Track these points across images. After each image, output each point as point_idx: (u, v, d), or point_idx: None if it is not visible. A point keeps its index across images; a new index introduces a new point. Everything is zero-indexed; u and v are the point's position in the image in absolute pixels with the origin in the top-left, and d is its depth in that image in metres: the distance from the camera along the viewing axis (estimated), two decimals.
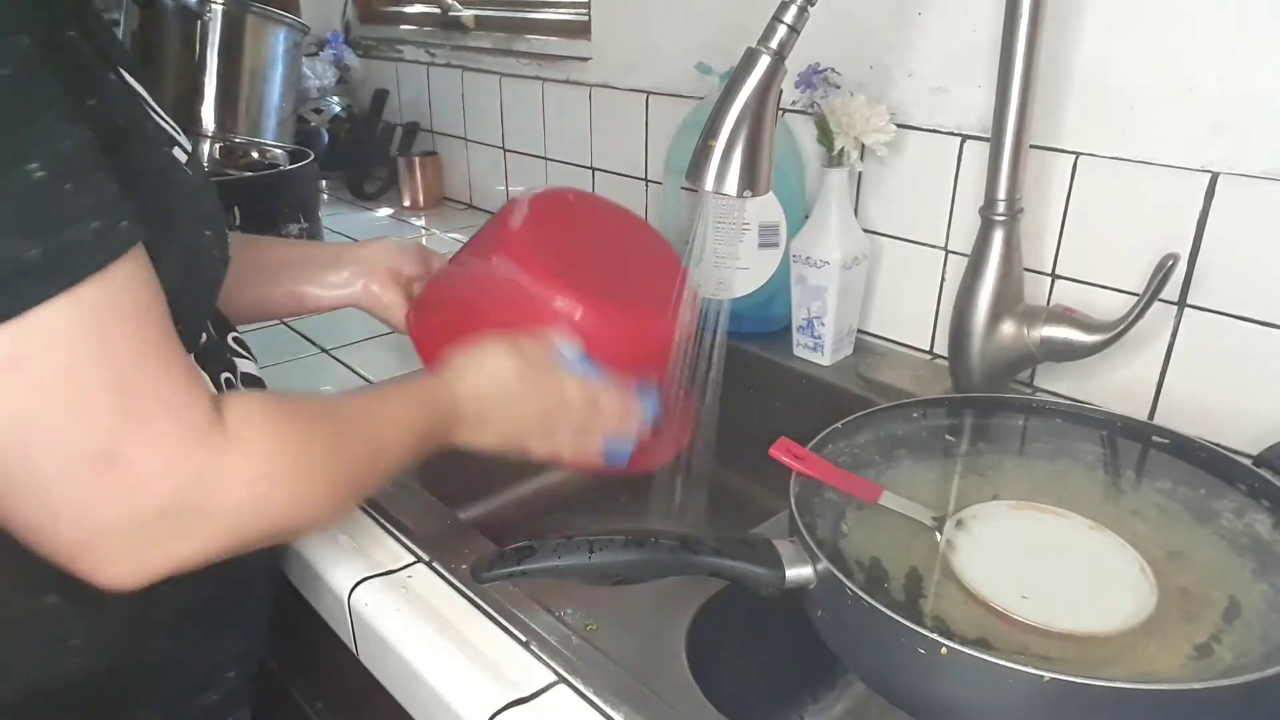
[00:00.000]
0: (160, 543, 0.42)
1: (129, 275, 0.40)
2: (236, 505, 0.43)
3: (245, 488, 0.43)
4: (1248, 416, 0.73)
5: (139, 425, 0.40)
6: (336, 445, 0.49)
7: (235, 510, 0.43)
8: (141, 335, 0.41)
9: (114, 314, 0.39)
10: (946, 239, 0.90)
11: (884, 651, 0.47)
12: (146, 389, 0.40)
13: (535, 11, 1.40)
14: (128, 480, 0.40)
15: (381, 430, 0.54)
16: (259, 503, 0.44)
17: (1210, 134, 0.71)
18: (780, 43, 0.62)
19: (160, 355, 0.41)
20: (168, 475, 0.41)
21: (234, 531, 0.44)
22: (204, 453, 0.42)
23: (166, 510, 0.41)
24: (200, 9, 1.13)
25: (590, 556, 0.51)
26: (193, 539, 0.43)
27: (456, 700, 0.52)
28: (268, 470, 0.44)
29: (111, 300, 0.39)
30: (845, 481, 0.57)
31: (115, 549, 0.41)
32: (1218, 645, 0.46)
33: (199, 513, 0.42)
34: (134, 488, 0.40)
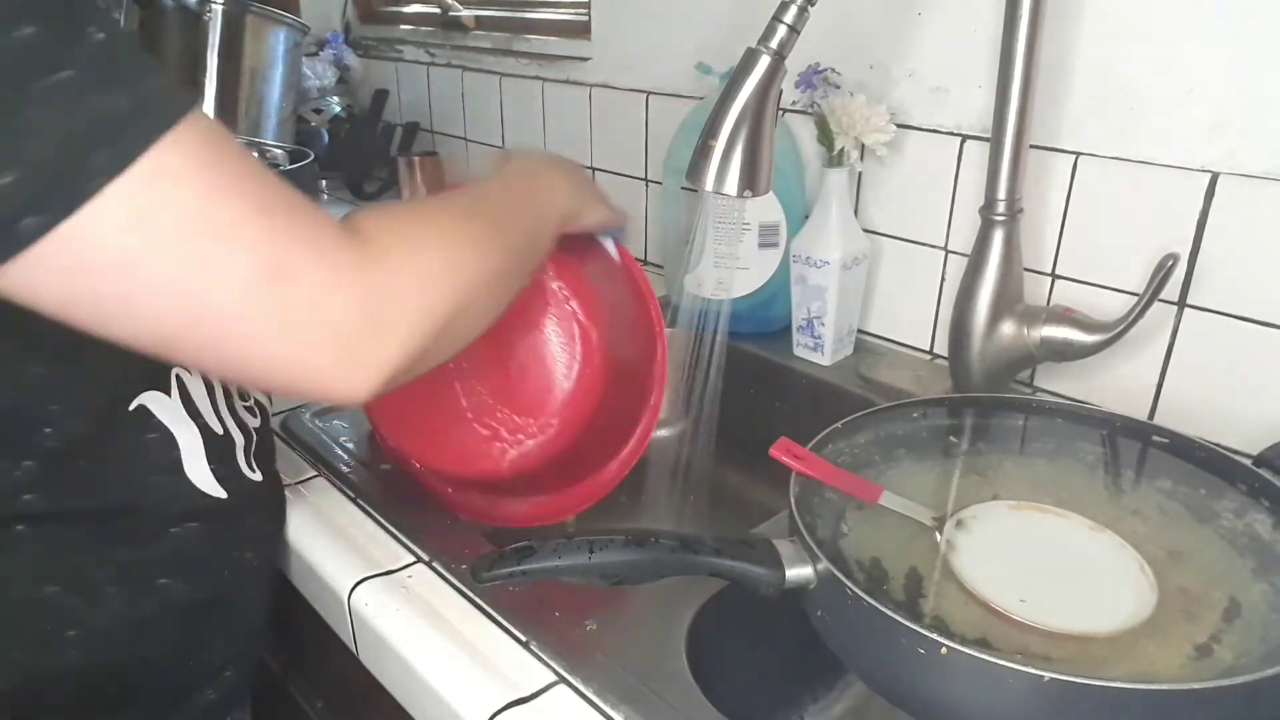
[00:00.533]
0: (364, 353, 0.42)
1: (212, 124, 0.40)
2: (411, 308, 0.43)
3: (411, 290, 0.43)
4: (1248, 416, 0.73)
5: (291, 237, 0.40)
6: (478, 229, 0.51)
7: (412, 313, 0.43)
8: (246, 162, 0.40)
9: (220, 145, 0.39)
10: (946, 239, 0.90)
11: (884, 651, 0.47)
12: (280, 207, 0.40)
13: (535, 11, 1.40)
14: (305, 289, 0.40)
15: (523, 214, 0.56)
16: (427, 301, 0.44)
17: (1210, 134, 0.71)
18: (780, 42, 0.62)
19: (270, 178, 0.41)
20: (339, 285, 0.40)
21: (417, 334, 0.44)
22: (362, 263, 0.42)
23: (353, 321, 0.41)
24: (200, 9, 1.13)
25: (590, 556, 0.51)
26: (393, 344, 0.43)
27: (456, 700, 0.52)
28: (419, 269, 0.44)
29: (208, 136, 0.39)
30: (845, 481, 0.57)
31: (324, 366, 0.41)
32: (1218, 645, 0.46)
33: (385, 318, 0.42)
34: (315, 294, 0.40)
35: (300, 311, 0.40)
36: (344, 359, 0.41)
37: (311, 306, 0.40)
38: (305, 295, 0.39)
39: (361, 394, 0.42)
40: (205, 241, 0.38)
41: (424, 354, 0.45)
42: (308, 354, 0.40)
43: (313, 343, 0.40)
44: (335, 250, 0.41)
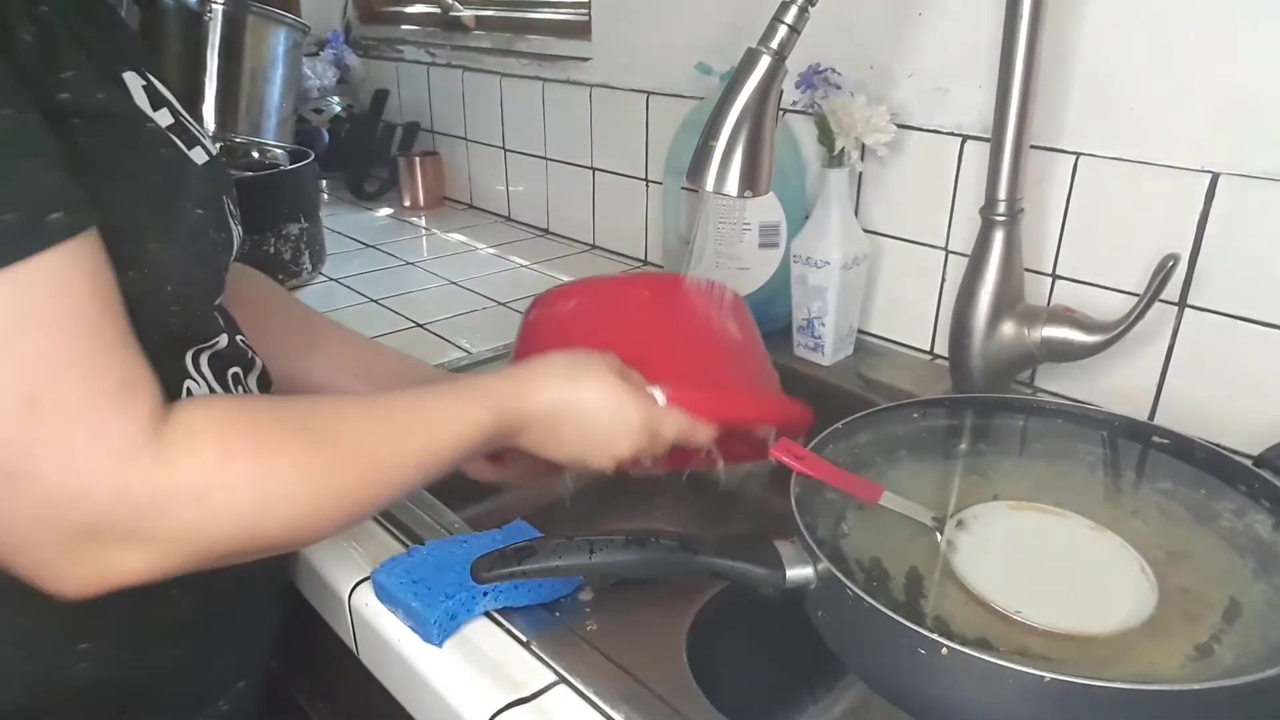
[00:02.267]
0: (100, 558, 0.39)
1: (52, 272, 0.37)
2: (179, 523, 0.40)
3: (186, 506, 0.40)
4: (1248, 416, 0.73)
5: (49, 440, 0.37)
6: (325, 454, 0.45)
7: (179, 528, 0.41)
8: (61, 342, 0.37)
9: (26, 316, 0.36)
10: (947, 239, 0.90)
11: (884, 652, 0.47)
12: (60, 403, 0.37)
13: (535, 11, 1.40)
14: (40, 498, 0.37)
15: (414, 435, 0.50)
16: (206, 520, 0.41)
17: (1210, 134, 0.71)
18: (781, 43, 0.62)
19: (85, 363, 0.38)
20: (85, 494, 0.38)
21: (185, 549, 0.41)
22: (130, 470, 0.39)
23: (93, 528, 0.38)
24: (200, 9, 1.13)
25: (590, 556, 0.51)
26: (138, 555, 0.40)
27: (456, 700, 0.52)
28: (212, 486, 0.41)
29: (24, 300, 0.36)
30: (846, 481, 0.57)
31: (48, 561, 0.39)
32: (1218, 645, 0.46)
33: (135, 531, 0.39)
34: (49, 506, 0.38)
35: (25, 511, 0.38)
36: (63, 566, 0.39)
37: (43, 510, 0.38)
38: (38, 499, 0.37)
39: (76, 594, 0.40)
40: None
41: (188, 568, 0.42)
42: (20, 552, 0.39)
43: (31, 542, 0.38)
44: (99, 457, 0.38)
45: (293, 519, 0.44)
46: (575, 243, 1.37)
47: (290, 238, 1.17)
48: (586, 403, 0.56)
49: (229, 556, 0.44)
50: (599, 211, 1.32)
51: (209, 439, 0.42)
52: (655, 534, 0.52)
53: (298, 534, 0.46)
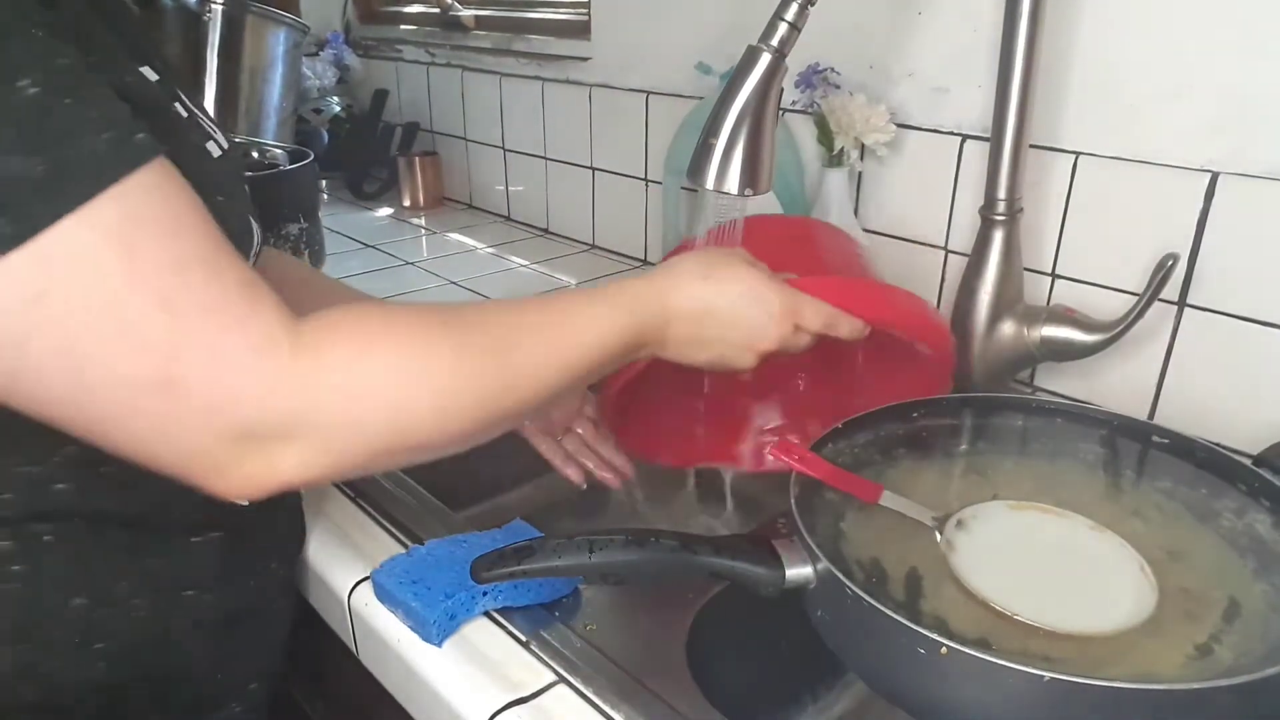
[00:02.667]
0: (265, 455, 0.39)
1: (153, 185, 0.37)
2: (329, 415, 0.40)
3: (333, 396, 0.40)
4: (1248, 416, 0.73)
5: (192, 343, 0.37)
6: (469, 345, 0.45)
7: (331, 420, 0.40)
8: (178, 245, 0.38)
9: (141, 226, 0.37)
10: (946, 239, 0.90)
11: (884, 651, 0.47)
12: (194, 302, 0.37)
13: (535, 11, 1.40)
14: (195, 402, 0.38)
15: (557, 336, 0.49)
16: (355, 410, 0.41)
17: (1210, 134, 0.71)
18: (781, 40, 0.62)
19: (205, 263, 0.38)
20: (236, 391, 0.38)
21: (340, 442, 0.41)
22: (273, 363, 0.39)
23: (250, 426, 0.39)
24: (200, 9, 1.13)
25: (590, 556, 0.51)
26: (299, 450, 0.40)
27: (456, 700, 0.51)
28: (356, 374, 0.41)
29: (136, 212, 0.36)
30: (845, 482, 0.57)
31: (215, 465, 0.39)
32: (1218, 645, 0.46)
33: (291, 424, 0.39)
34: (205, 408, 0.38)
35: (189, 420, 0.38)
36: (231, 465, 0.39)
37: (203, 415, 0.38)
38: (197, 405, 0.38)
39: (246, 497, 0.41)
40: (95, 339, 0.36)
41: (345, 468, 0.42)
42: (190, 459, 0.39)
43: (199, 449, 0.39)
44: (242, 354, 0.38)
45: (441, 408, 0.44)
46: (575, 243, 1.37)
47: (290, 238, 1.17)
48: (729, 297, 0.54)
49: (385, 453, 0.43)
50: (599, 211, 1.32)
51: (345, 331, 0.42)
52: (655, 534, 0.52)
53: (448, 426, 0.44)
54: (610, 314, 0.51)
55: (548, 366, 0.48)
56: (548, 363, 0.48)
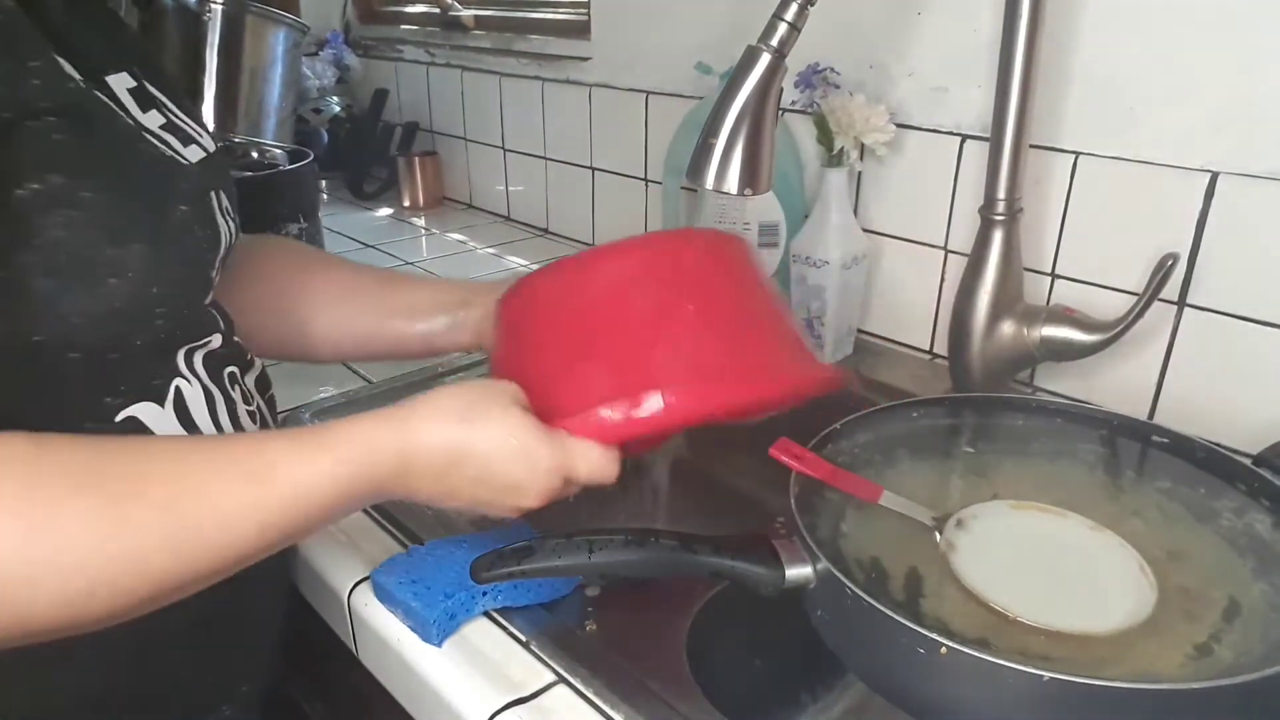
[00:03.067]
0: None
1: None
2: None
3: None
4: (1248, 416, 0.73)
5: None
6: (123, 508, 0.38)
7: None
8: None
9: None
10: (946, 239, 0.90)
11: (884, 651, 0.47)
12: None
13: (535, 11, 1.40)
14: None
15: (246, 488, 0.41)
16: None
17: (1210, 134, 0.71)
18: (781, 40, 0.62)
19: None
20: None
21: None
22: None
23: None
24: (200, 9, 1.13)
25: (590, 556, 0.51)
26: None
27: (456, 700, 0.52)
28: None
29: None
30: (845, 482, 0.57)
31: None
32: (1218, 645, 0.46)
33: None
34: None
35: None
36: None
37: None
38: None
39: None
40: None
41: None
42: None
43: None
44: None
45: (74, 589, 0.36)
46: (575, 243, 1.37)
47: (290, 238, 1.17)
48: (486, 445, 0.48)
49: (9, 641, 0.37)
50: (599, 211, 1.32)
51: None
52: (655, 534, 0.52)
53: (85, 608, 0.37)
54: (327, 465, 0.43)
55: (241, 529, 0.41)
56: (242, 525, 0.41)
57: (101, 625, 0.38)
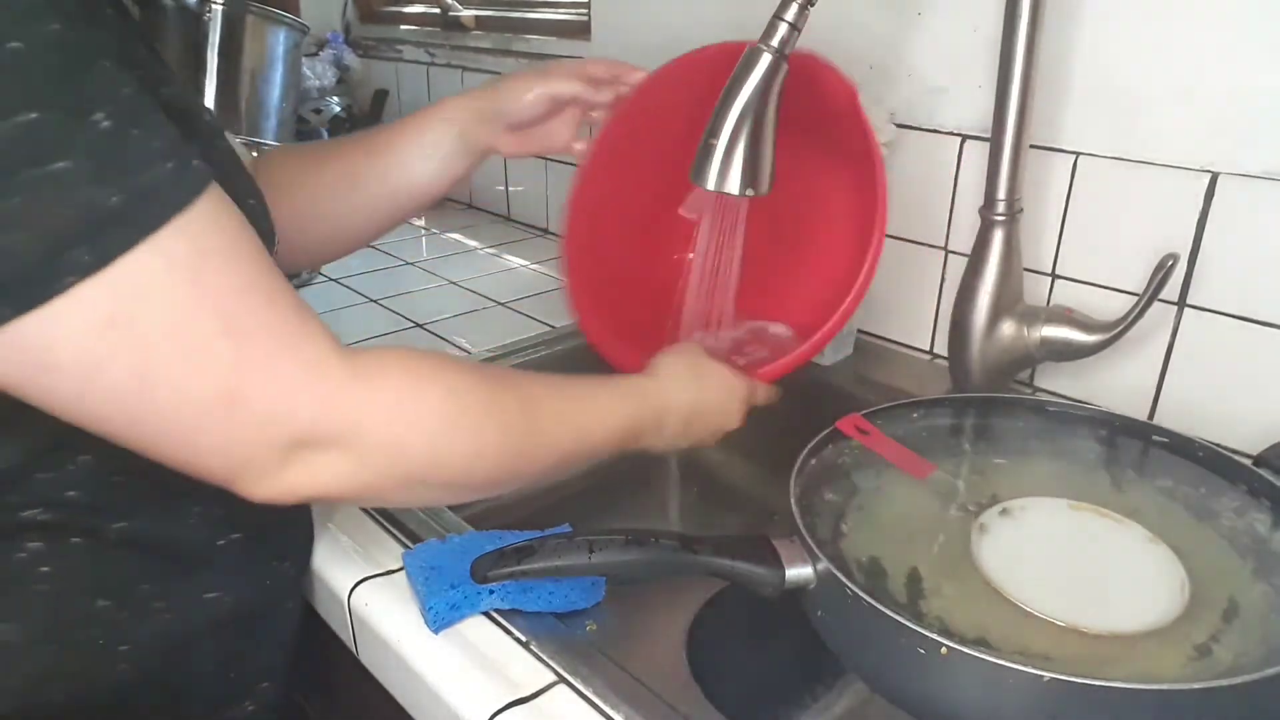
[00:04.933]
0: (312, 463, 0.43)
1: (212, 212, 0.39)
2: (375, 436, 0.44)
3: (378, 424, 0.44)
4: (1248, 416, 0.73)
5: (254, 362, 0.40)
6: (507, 403, 0.49)
7: (376, 440, 0.44)
8: (238, 271, 0.40)
9: (205, 253, 0.39)
10: (946, 239, 0.90)
11: (884, 651, 0.47)
12: (255, 324, 0.40)
13: (535, 11, 1.40)
14: (254, 415, 0.40)
15: (576, 412, 0.54)
16: (398, 436, 0.44)
17: (1210, 134, 0.71)
18: (782, 40, 0.62)
19: (263, 288, 0.41)
20: (292, 405, 0.41)
21: (381, 461, 0.44)
22: (327, 385, 0.42)
23: (304, 437, 0.42)
24: (200, 9, 1.13)
25: (590, 556, 0.51)
26: (343, 462, 0.43)
27: (456, 700, 0.51)
28: (403, 404, 0.44)
29: (200, 239, 0.38)
30: (902, 458, 0.61)
31: (261, 472, 0.42)
32: (1217, 645, 0.46)
33: (340, 438, 0.43)
34: (262, 421, 0.41)
35: (245, 432, 0.41)
36: (275, 472, 0.42)
37: (259, 428, 0.41)
38: (255, 418, 0.41)
39: (281, 501, 0.44)
40: (166, 360, 0.38)
41: (379, 488, 0.46)
42: (240, 466, 0.42)
43: (250, 458, 0.42)
44: (299, 373, 0.41)
45: (472, 453, 0.48)
46: None
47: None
48: (711, 394, 0.63)
49: (419, 481, 0.47)
50: None
51: (396, 367, 0.45)
52: (655, 534, 0.53)
53: (474, 470, 0.49)
54: (622, 406, 0.57)
55: (564, 441, 0.53)
56: (565, 438, 0.53)
57: (473, 488, 0.51)
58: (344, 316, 1.04)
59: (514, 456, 0.50)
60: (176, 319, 0.38)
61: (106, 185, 0.36)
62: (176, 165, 0.38)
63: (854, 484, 0.60)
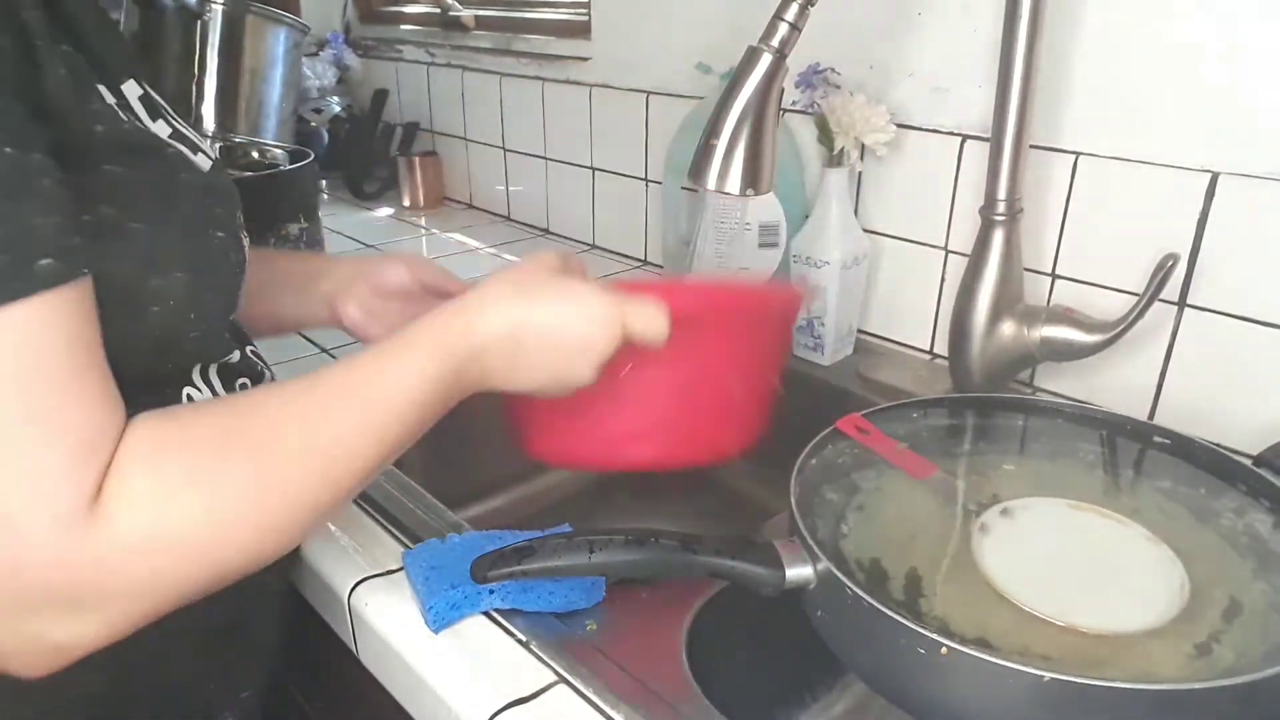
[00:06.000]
0: (48, 632, 0.37)
1: (36, 319, 0.35)
2: (129, 579, 0.38)
3: (133, 559, 0.38)
4: (1248, 416, 0.73)
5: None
6: (271, 458, 0.42)
7: (131, 583, 0.38)
8: (28, 394, 0.35)
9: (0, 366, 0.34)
10: (946, 239, 0.90)
11: (884, 651, 0.47)
12: (19, 462, 0.35)
13: (535, 11, 1.40)
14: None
15: (360, 412, 0.45)
16: (160, 567, 0.39)
17: (1210, 134, 0.71)
18: (782, 41, 0.62)
19: (52, 420, 0.36)
20: (19, 564, 0.35)
21: (144, 602, 0.39)
22: (68, 535, 0.36)
23: (32, 601, 0.36)
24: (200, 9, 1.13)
25: (590, 556, 0.51)
26: (90, 622, 0.38)
27: (456, 700, 0.52)
28: (157, 530, 0.38)
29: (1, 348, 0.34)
30: (904, 459, 0.60)
31: (6, 638, 0.37)
32: (1217, 645, 0.46)
33: (80, 598, 0.37)
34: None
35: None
36: (16, 640, 0.37)
37: (4, 579, 0.35)
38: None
39: (43, 672, 0.39)
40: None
41: (160, 614, 0.40)
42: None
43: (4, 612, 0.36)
44: (44, 524, 0.35)
45: (254, 539, 0.41)
46: (575, 243, 1.37)
47: (290, 238, 1.18)
48: (545, 312, 0.50)
49: (202, 591, 0.41)
50: (599, 211, 1.32)
51: (141, 476, 0.38)
52: (655, 534, 0.52)
53: (264, 551, 0.42)
54: (414, 363, 0.47)
55: (361, 447, 0.45)
56: (360, 444, 0.45)
57: (278, 557, 0.43)
58: None
59: (312, 503, 0.43)
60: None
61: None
62: (7, 261, 0.34)
63: (854, 484, 0.59)
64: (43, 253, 0.36)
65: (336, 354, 0.94)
